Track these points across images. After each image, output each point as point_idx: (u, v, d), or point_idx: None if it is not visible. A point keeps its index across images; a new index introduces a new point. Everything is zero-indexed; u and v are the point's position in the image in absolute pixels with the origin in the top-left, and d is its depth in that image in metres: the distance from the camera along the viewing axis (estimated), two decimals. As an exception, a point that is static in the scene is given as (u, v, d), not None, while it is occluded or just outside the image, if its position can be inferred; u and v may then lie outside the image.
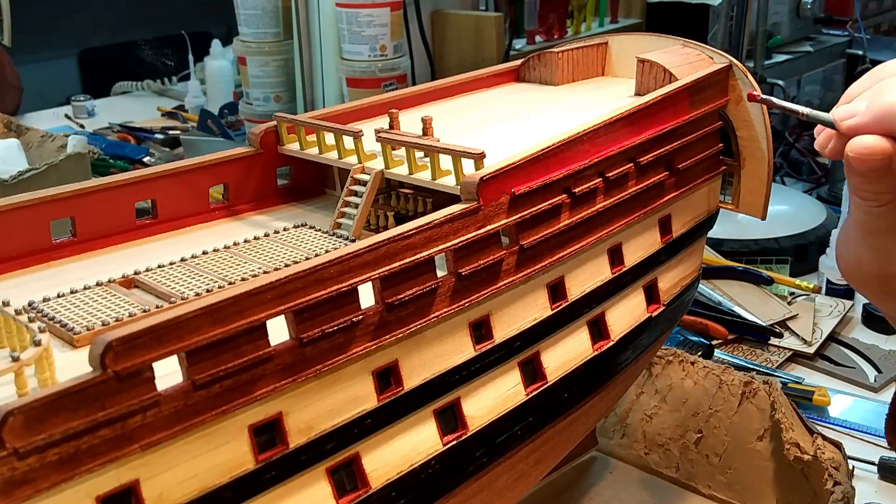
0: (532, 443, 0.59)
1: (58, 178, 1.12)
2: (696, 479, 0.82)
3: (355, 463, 0.48)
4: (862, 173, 0.51)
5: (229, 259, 0.57)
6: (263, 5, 1.56)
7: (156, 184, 0.63)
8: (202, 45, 1.90)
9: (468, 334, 0.53)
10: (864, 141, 0.50)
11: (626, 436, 0.86)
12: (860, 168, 0.50)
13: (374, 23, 1.41)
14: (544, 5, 1.69)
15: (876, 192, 0.52)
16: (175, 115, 1.89)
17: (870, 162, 0.50)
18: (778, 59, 1.87)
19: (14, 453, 0.35)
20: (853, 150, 0.50)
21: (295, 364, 0.45)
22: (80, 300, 0.52)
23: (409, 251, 0.49)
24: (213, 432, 0.42)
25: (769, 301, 1.13)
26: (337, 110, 0.72)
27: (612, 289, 0.64)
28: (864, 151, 0.50)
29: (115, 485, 0.39)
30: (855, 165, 0.50)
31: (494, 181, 0.54)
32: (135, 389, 0.39)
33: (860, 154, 0.50)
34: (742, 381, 0.81)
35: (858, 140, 0.50)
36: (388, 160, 0.62)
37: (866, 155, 0.50)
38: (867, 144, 0.50)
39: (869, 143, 0.50)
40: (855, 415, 0.93)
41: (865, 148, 0.50)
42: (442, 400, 0.52)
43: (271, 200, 0.69)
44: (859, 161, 0.50)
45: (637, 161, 0.64)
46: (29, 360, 0.41)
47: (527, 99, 0.81)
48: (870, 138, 0.50)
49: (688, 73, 0.72)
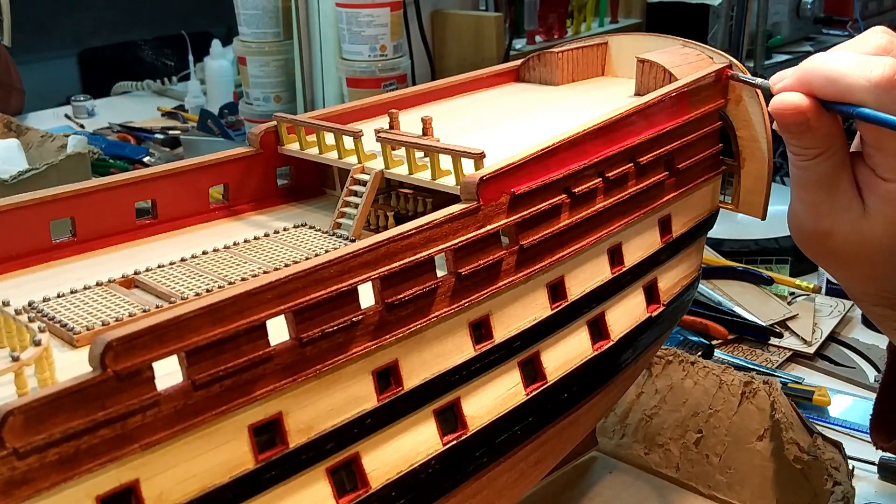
0: (532, 443, 0.59)
1: (58, 178, 1.12)
2: (696, 479, 0.82)
3: (355, 463, 0.48)
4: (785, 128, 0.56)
5: (229, 259, 0.57)
6: (263, 5, 1.56)
7: (156, 184, 0.63)
8: (202, 45, 1.90)
9: (468, 334, 0.53)
10: (783, 97, 0.56)
11: (626, 436, 0.86)
12: (781, 122, 0.56)
13: (374, 23, 1.41)
14: (544, 5, 1.69)
15: (802, 146, 0.57)
16: (175, 115, 1.90)
17: (787, 116, 0.55)
18: (778, 59, 1.88)
19: (14, 453, 0.35)
20: (773, 106, 0.56)
21: (295, 364, 0.45)
22: (80, 300, 0.52)
23: (408, 251, 0.49)
24: (213, 432, 0.42)
25: (769, 301, 1.13)
26: (337, 110, 0.72)
27: (612, 289, 0.64)
28: (780, 105, 0.55)
29: (115, 485, 0.39)
30: (777, 120, 0.56)
31: (494, 181, 0.54)
32: (135, 389, 0.39)
33: (777, 109, 0.56)
34: (742, 381, 0.81)
35: (779, 97, 0.56)
36: (387, 160, 0.62)
37: (782, 108, 0.55)
38: (783, 99, 0.55)
39: (785, 99, 0.55)
40: (855, 415, 0.93)
41: (782, 103, 0.55)
42: (442, 400, 0.52)
43: (271, 200, 0.69)
44: (778, 115, 0.56)
45: (637, 161, 0.64)
46: (29, 359, 0.41)
47: (527, 99, 0.81)
48: (788, 94, 0.55)
49: (688, 73, 0.72)
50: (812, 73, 0.55)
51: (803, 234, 0.61)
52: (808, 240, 0.61)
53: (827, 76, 0.55)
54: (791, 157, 0.59)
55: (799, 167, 0.58)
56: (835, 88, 0.54)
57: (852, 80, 0.54)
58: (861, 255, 0.58)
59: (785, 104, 0.55)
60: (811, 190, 0.59)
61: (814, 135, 0.56)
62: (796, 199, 0.60)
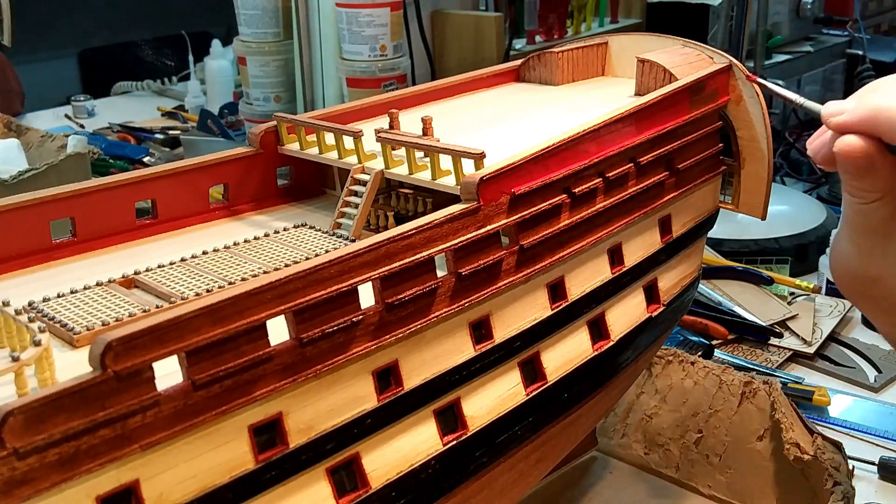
0: (532, 443, 0.59)
1: (58, 178, 1.12)
2: (696, 479, 0.82)
3: (355, 463, 0.48)
4: (848, 170, 0.53)
5: (229, 259, 0.57)
6: (263, 5, 1.56)
7: (156, 184, 0.63)
8: (202, 45, 1.90)
9: (468, 334, 0.53)
10: (847, 140, 0.52)
11: (626, 436, 0.86)
12: (844, 165, 0.53)
13: (374, 23, 1.41)
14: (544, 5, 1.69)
15: (862, 188, 0.54)
16: (175, 115, 1.89)
17: (852, 160, 0.52)
18: (778, 59, 1.88)
19: (14, 453, 0.35)
20: (838, 148, 0.52)
21: (295, 364, 0.45)
22: (80, 300, 0.52)
23: (409, 251, 0.49)
24: (213, 432, 0.42)
25: (769, 301, 1.13)
26: (337, 110, 0.72)
27: (612, 289, 0.64)
28: (847, 149, 0.52)
29: (115, 485, 0.39)
30: (840, 162, 0.53)
31: (494, 181, 0.54)
32: (135, 389, 0.39)
33: (842, 152, 0.52)
34: (742, 381, 0.81)
35: (843, 139, 0.52)
36: (388, 160, 0.62)
37: (848, 153, 0.52)
38: (850, 143, 0.52)
39: (852, 143, 0.52)
40: (855, 415, 0.93)
41: (849, 146, 0.52)
42: (442, 400, 0.52)
43: (271, 200, 0.69)
44: (843, 158, 0.52)
45: (637, 161, 0.64)
46: (29, 360, 0.41)
47: (527, 99, 0.81)
48: (852, 138, 0.52)
49: (688, 73, 0.72)
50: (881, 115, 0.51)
51: (850, 277, 0.58)
52: (853, 283, 0.59)
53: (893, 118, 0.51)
54: (848, 198, 0.55)
55: (856, 210, 0.55)
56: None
57: None
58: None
59: (852, 148, 0.52)
60: (865, 235, 0.56)
61: (876, 178, 0.53)
62: (847, 241, 0.57)
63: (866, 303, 0.60)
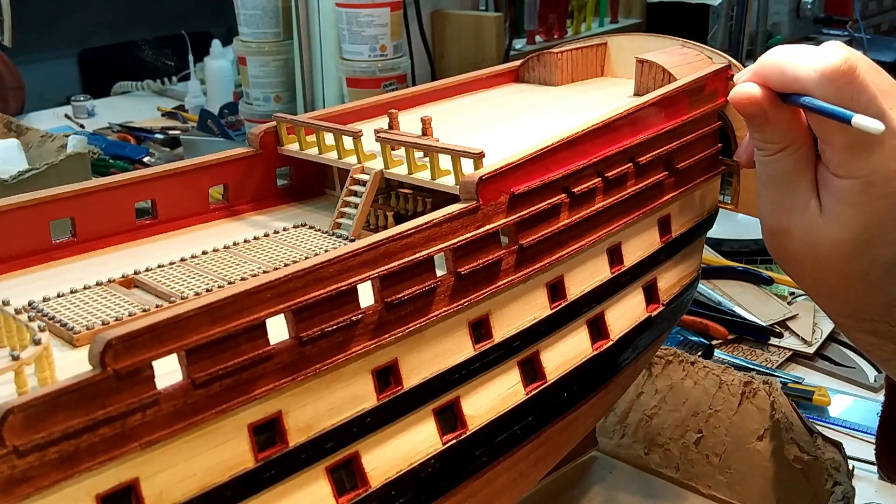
0: (532, 442, 0.59)
1: (58, 178, 1.12)
2: (696, 479, 0.82)
3: (355, 462, 0.48)
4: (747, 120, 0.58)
5: (229, 259, 0.57)
6: (263, 5, 1.56)
7: (156, 184, 0.63)
8: (202, 45, 1.90)
9: (467, 333, 0.53)
10: (738, 87, 0.57)
11: (626, 436, 0.86)
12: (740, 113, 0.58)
13: (374, 23, 1.41)
14: (544, 5, 1.69)
15: (763, 140, 0.58)
16: (175, 115, 1.90)
17: (742, 105, 0.57)
18: (778, 60, 1.87)
19: (14, 451, 0.35)
20: (731, 96, 0.58)
21: (294, 363, 0.45)
22: (80, 300, 0.52)
23: (408, 251, 0.49)
24: (213, 431, 0.42)
25: (769, 301, 1.13)
26: (337, 110, 0.72)
27: (611, 288, 0.64)
28: (736, 95, 0.57)
29: (115, 483, 0.39)
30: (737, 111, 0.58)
31: (494, 181, 0.54)
32: (134, 388, 0.39)
33: (733, 98, 0.57)
34: (742, 381, 0.81)
35: (736, 87, 0.57)
36: (387, 160, 0.62)
37: (737, 98, 0.57)
38: (738, 89, 0.57)
39: (740, 88, 0.57)
40: (855, 415, 0.93)
41: (737, 92, 0.57)
42: (441, 399, 0.52)
43: (271, 200, 0.69)
44: (735, 105, 0.57)
45: (636, 161, 0.64)
46: (29, 359, 0.41)
47: (526, 99, 0.81)
48: (743, 85, 0.57)
49: (687, 74, 0.72)
50: (766, 65, 0.56)
51: (767, 233, 0.61)
52: (770, 239, 0.61)
53: (778, 67, 0.56)
54: (755, 151, 0.59)
55: (761, 162, 0.59)
56: (784, 78, 0.55)
57: (800, 71, 0.54)
58: (821, 260, 0.57)
59: (740, 94, 0.57)
60: (772, 187, 0.59)
61: (774, 128, 0.57)
62: (761, 196, 0.60)
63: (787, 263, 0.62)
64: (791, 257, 0.60)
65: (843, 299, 0.60)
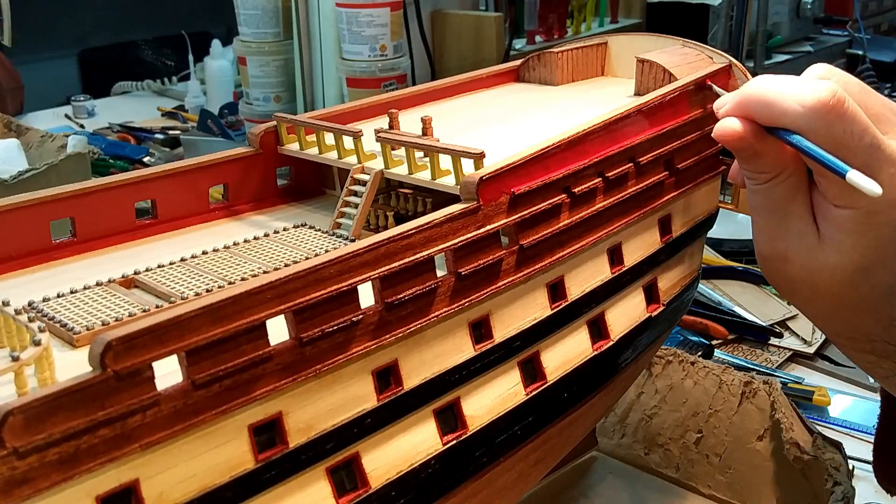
0: (532, 442, 0.59)
1: (58, 178, 1.12)
2: (696, 479, 0.82)
3: (355, 462, 0.48)
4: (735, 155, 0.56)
5: (229, 259, 0.57)
6: (263, 5, 1.56)
7: (156, 184, 0.63)
8: (202, 45, 1.90)
9: (468, 334, 0.53)
10: (721, 123, 0.55)
11: (626, 436, 0.86)
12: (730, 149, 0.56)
13: (374, 23, 1.41)
14: (544, 5, 1.69)
15: (753, 171, 0.56)
16: (175, 115, 1.90)
17: (728, 142, 0.55)
18: (778, 60, 1.88)
19: (14, 453, 0.35)
20: (714, 133, 0.56)
21: (295, 363, 0.45)
22: (80, 300, 0.52)
23: (408, 251, 0.49)
24: (213, 432, 0.42)
25: (769, 301, 1.13)
26: (337, 110, 0.72)
27: (611, 289, 0.64)
28: (719, 132, 0.55)
29: (115, 484, 0.39)
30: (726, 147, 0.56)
31: (494, 181, 0.54)
32: (134, 389, 0.39)
33: (718, 136, 0.55)
34: (742, 381, 0.81)
35: (719, 123, 0.55)
36: (387, 160, 0.62)
37: (721, 135, 0.55)
38: (721, 126, 0.55)
39: (723, 125, 0.55)
40: (855, 415, 0.93)
41: (720, 129, 0.55)
42: (442, 399, 0.52)
43: (271, 200, 0.69)
44: (719, 140, 0.55)
45: (637, 161, 0.64)
46: (29, 359, 0.41)
47: (527, 99, 0.81)
48: (727, 121, 0.55)
49: (687, 73, 0.72)
50: (750, 97, 0.54)
51: (762, 260, 0.59)
52: (765, 265, 0.59)
53: (763, 100, 0.53)
54: (746, 181, 0.57)
55: (752, 191, 0.57)
56: (770, 112, 0.53)
57: (786, 105, 0.52)
58: (819, 285, 0.56)
59: (723, 130, 0.54)
60: (765, 214, 0.57)
61: (763, 160, 0.54)
62: (754, 223, 0.58)
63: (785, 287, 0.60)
64: (788, 282, 0.58)
65: (842, 321, 0.59)
